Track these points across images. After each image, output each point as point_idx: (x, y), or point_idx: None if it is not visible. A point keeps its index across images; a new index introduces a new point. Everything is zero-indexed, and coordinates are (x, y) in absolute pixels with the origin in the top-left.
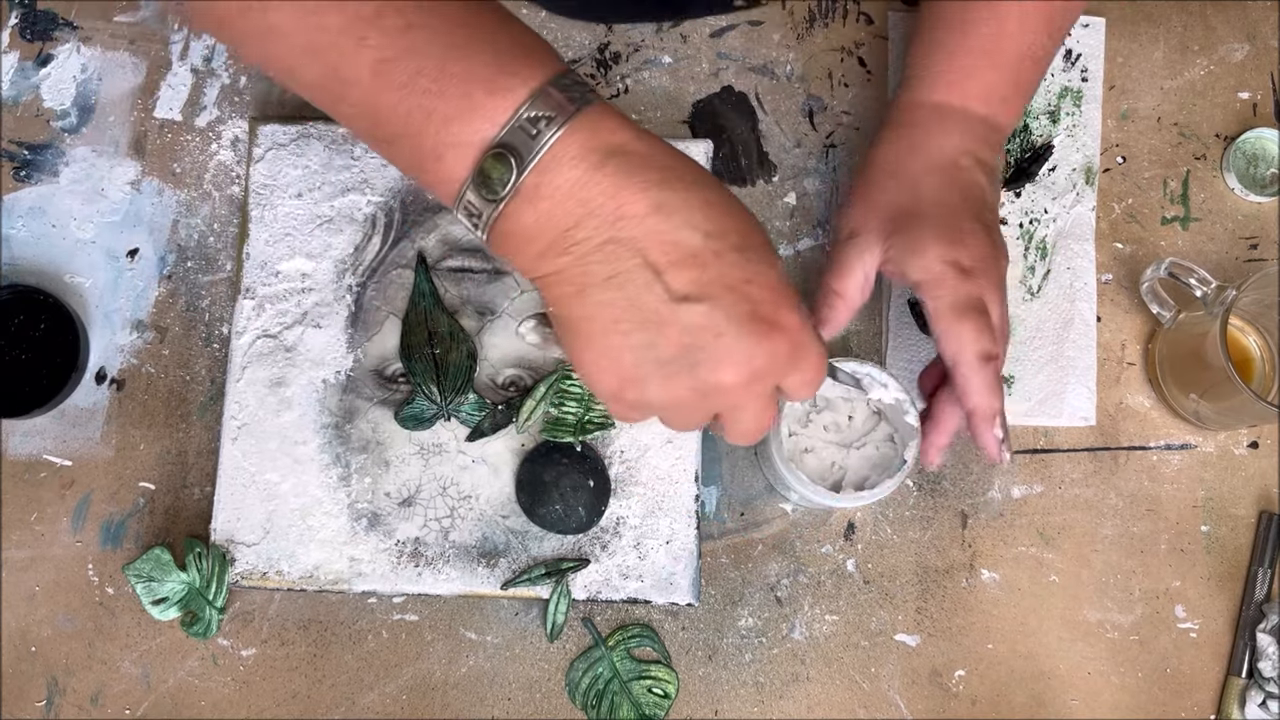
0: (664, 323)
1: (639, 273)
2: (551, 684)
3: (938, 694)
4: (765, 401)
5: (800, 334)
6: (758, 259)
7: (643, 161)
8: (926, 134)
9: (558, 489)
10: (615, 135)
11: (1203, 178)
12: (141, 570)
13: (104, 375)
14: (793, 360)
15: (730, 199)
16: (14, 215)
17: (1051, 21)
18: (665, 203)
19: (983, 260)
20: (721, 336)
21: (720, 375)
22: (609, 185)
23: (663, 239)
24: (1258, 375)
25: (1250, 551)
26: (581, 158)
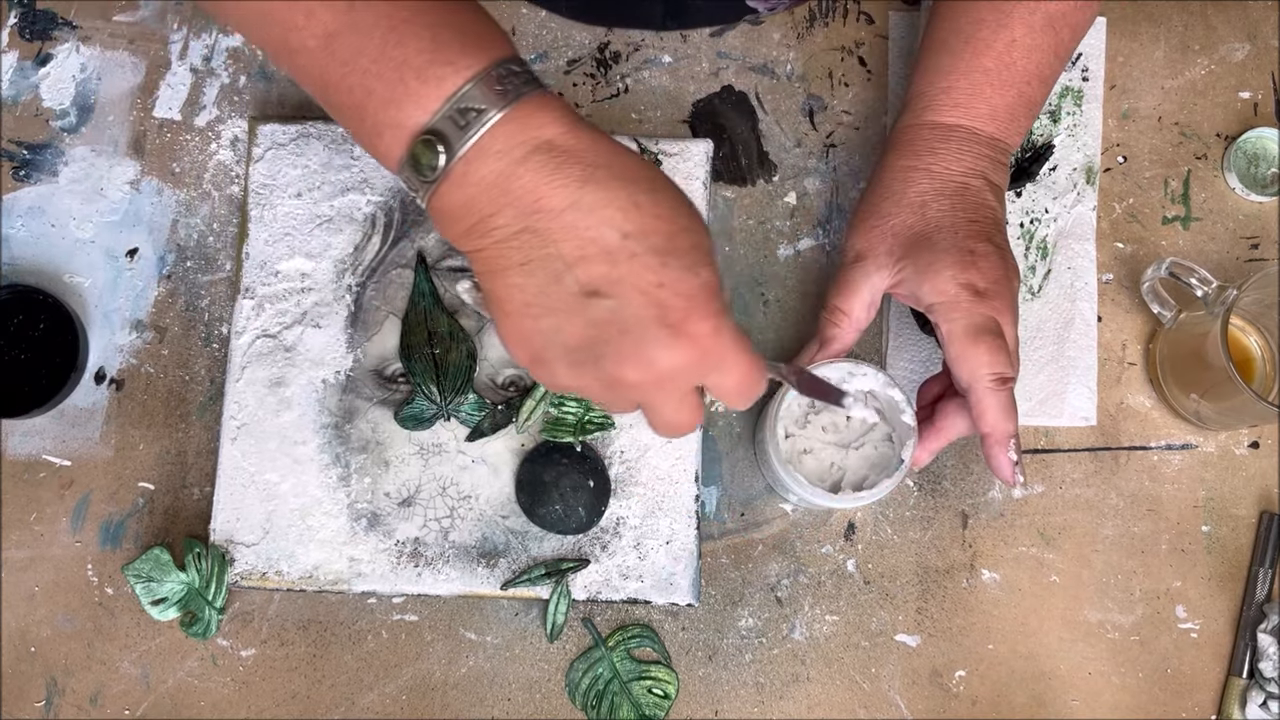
0: (571, 313)
1: (551, 263)
2: (551, 684)
3: (938, 694)
4: (681, 401)
5: (711, 341)
6: (678, 265)
7: (570, 158)
8: (934, 156)
9: (558, 489)
10: (545, 130)
11: (1203, 177)
12: (141, 570)
13: (103, 375)
14: (704, 367)
15: (667, 204)
16: (13, 215)
17: (1059, 43)
18: (584, 200)
19: (996, 282)
20: (626, 335)
21: (623, 372)
22: (530, 179)
23: (578, 234)
24: (1258, 375)
25: (1251, 551)
26: (506, 152)
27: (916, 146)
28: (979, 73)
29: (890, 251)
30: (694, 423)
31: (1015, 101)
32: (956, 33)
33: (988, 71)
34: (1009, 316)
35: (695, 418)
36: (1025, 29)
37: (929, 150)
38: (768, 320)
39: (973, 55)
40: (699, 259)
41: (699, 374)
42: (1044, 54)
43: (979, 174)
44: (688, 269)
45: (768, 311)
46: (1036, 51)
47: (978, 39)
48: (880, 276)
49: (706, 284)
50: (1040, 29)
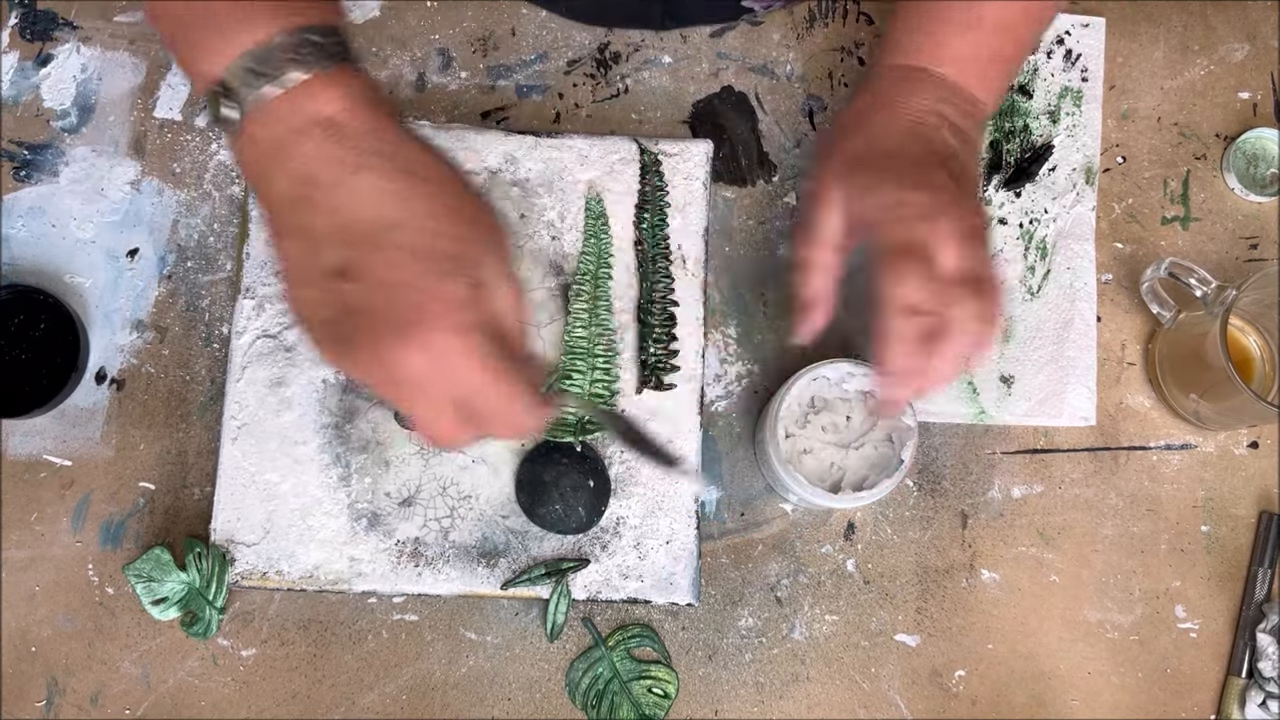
0: (324, 290)
1: (313, 236)
2: (551, 684)
3: (938, 694)
4: (432, 409)
5: (440, 355)
6: (429, 269)
7: (349, 140)
8: (894, 91)
9: (558, 489)
10: (330, 107)
11: (1203, 178)
12: (141, 570)
13: (104, 375)
14: (444, 382)
15: (442, 207)
16: (14, 215)
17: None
18: (353, 182)
19: (945, 206)
20: (367, 326)
21: (358, 359)
22: (305, 152)
23: (342, 214)
24: (1258, 375)
25: (1250, 551)
26: (286, 120)
27: (875, 86)
28: (945, 20)
29: (841, 175)
30: (451, 440)
31: (982, 52)
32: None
33: (954, 20)
34: (953, 246)
35: (452, 434)
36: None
37: (890, 87)
38: (768, 320)
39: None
40: (455, 268)
41: (442, 386)
42: (1013, 10)
43: (938, 114)
44: (438, 275)
45: (768, 312)
46: (1004, 7)
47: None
48: (835, 211)
49: (453, 296)
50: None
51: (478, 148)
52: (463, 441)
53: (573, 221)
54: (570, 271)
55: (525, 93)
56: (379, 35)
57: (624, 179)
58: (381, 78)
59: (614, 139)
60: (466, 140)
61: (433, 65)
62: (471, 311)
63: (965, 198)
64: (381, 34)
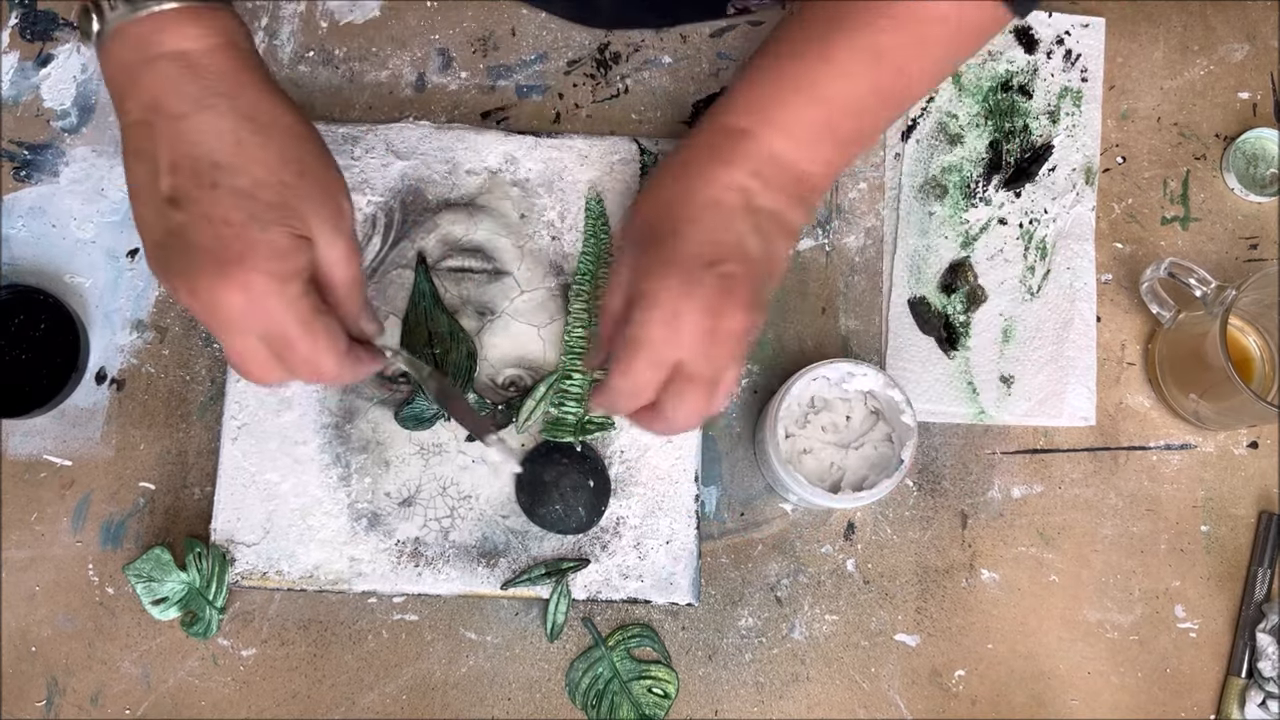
0: (156, 214)
1: (151, 161)
2: (551, 684)
3: (938, 694)
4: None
5: (252, 297)
6: (250, 213)
7: (197, 76)
8: (705, 156)
9: (558, 489)
10: (184, 41)
11: (1203, 178)
12: (141, 570)
13: (104, 375)
14: (253, 320)
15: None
16: (14, 215)
17: (879, 80)
18: (195, 118)
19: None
20: (185, 254)
21: (176, 286)
22: (154, 79)
23: (177, 147)
24: (1258, 375)
25: (1250, 551)
26: (140, 46)
27: (695, 142)
28: (783, 80)
29: (628, 249)
30: (261, 376)
31: (815, 122)
32: (777, 42)
33: (793, 84)
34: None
35: (260, 371)
36: (845, 50)
37: (699, 151)
38: (768, 320)
39: (784, 62)
40: (276, 217)
41: (253, 326)
42: (859, 83)
43: (741, 189)
44: (257, 220)
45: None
46: (850, 79)
47: (795, 49)
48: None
49: (271, 243)
50: (861, 54)
51: (478, 148)
52: (272, 379)
53: (573, 221)
54: (570, 271)
55: (525, 93)
56: (379, 35)
57: (624, 179)
58: (381, 78)
59: (614, 139)
60: (466, 140)
61: (433, 65)
62: (289, 261)
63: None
64: (381, 34)
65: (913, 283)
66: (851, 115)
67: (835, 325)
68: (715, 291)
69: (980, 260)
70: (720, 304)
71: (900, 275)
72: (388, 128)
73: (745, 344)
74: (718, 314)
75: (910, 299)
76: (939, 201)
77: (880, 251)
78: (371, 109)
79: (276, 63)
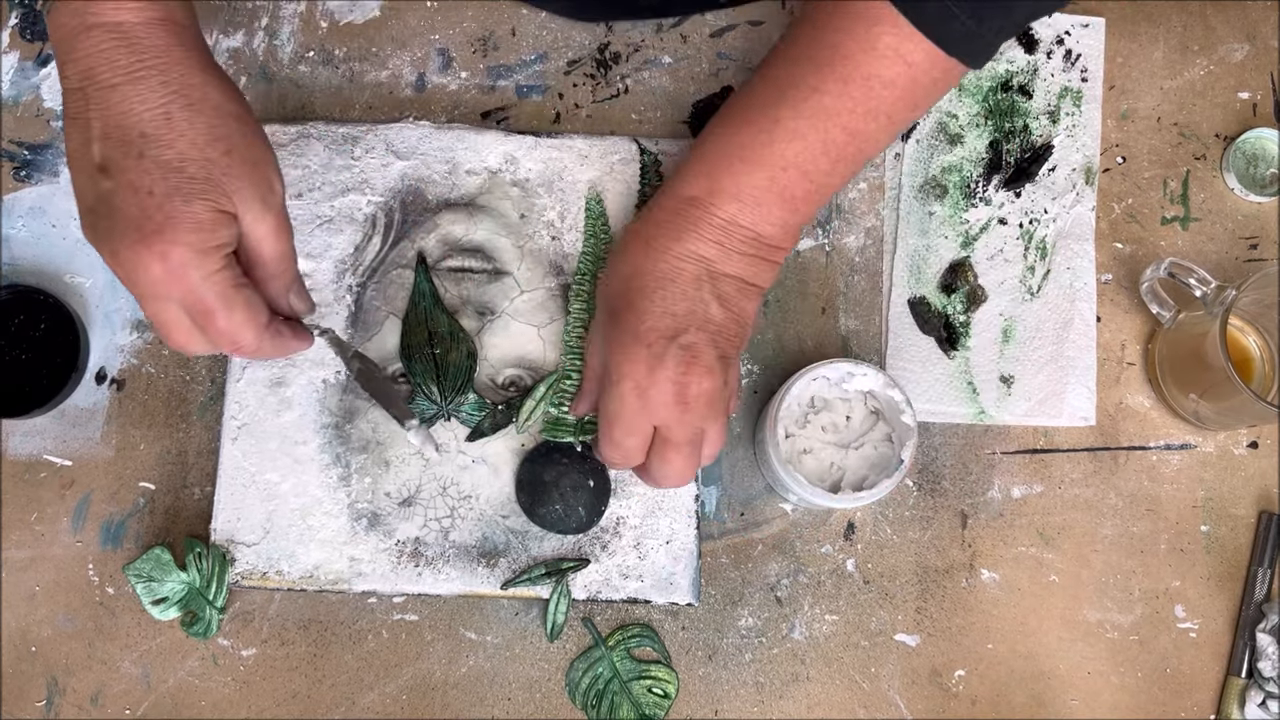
0: (88, 180)
1: (84, 129)
2: (551, 684)
3: (938, 694)
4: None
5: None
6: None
7: (131, 47)
8: (663, 229)
9: (558, 489)
10: (120, 13)
11: (1203, 178)
12: (141, 570)
13: (104, 375)
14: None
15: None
16: (14, 215)
17: (829, 140)
18: (125, 89)
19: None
20: (110, 220)
21: (102, 250)
22: (88, 48)
23: (109, 115)
24: (1258, 375)
25: (1250, 551)
26: (78, 14)
27: (654, 216)
28: (731, 147)
29: (603, 315)
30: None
31: (765, 185)
32: (733, 106)
33: (742, 146)
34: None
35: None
36: (791, 113)
37: (657, 225)
38: (768, 320)
39: (735, 127)
40: (200, 190)
41: (169, 293)
42: (809, 144)
43: (698, 257)
44: (181, 194)
45: (768, 311)
46: (799, 139)
47: (745, 115)
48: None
49: (194, 216)
50: (808, 118)
51: (478, 148)
52: (195, 349)
53: (573, 221)
54: (570, 272)
55: (525, 93)
56: (379, 35)
57: (624, 179)
58: (381, 78)
59: (614, 139)
60: (466, 140)
61: (433, 65)
62: (210, 235)
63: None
64: (381, 34)
65: (913, 283)
66: (802, 177)
67: (835, 325)
68: (679, 362)
69: (980, 260)
70: (685, 374)
71: (900, 275)
72: (388, 128)
73: (720, 401)
74: (684, 383)
75: (910, 299)
76: (939, 201)
77: (880, 251)
78: (371, 109)
79: (276, 63)
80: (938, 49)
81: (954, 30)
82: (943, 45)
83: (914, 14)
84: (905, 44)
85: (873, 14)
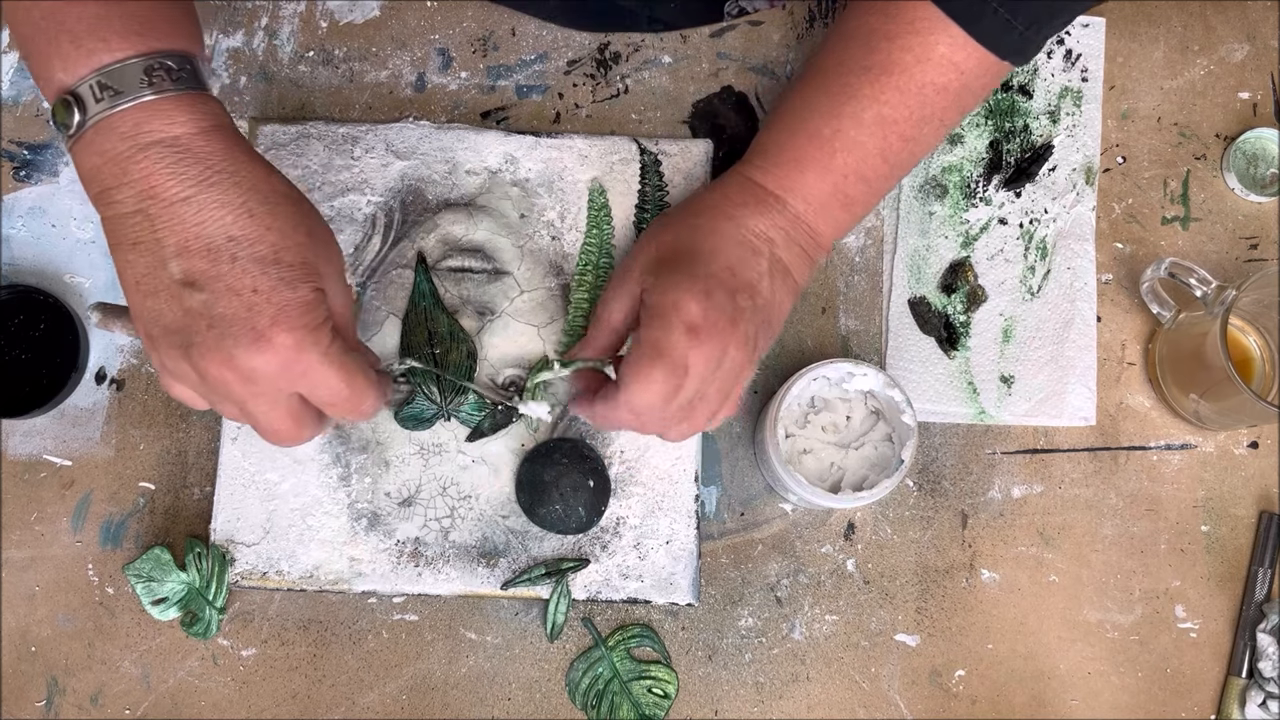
0: (170, 299)
1: (156, 249)
2: (551, 684)
3: (938, 694)
4: (273, 407)
5: (293, 354)
6: (276, 276)
7: (193, 158)
8: (737, 202)
9: (558, 489)
10: (175, 128)
11: (1203, 178)
12: (141, 570)
13: (104, 375)
14: (290, 376)
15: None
16: (14, 215)
17: (887, 147)
18: (198, 197)
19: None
20: (213, 329)
21: (208, 364)
22: (148, 167)
23: (185, 228)
24: (1258, 375)
25: (1250, 551)
26: (131, 135)
27: (728, 189)
28: (802, 155)
29: (644, 266)
30: (294, 434)
31: (830, 192)
32: (794, 110)
33: (809, 156)
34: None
35: (295, 429)
36: (853, 124)
37: (731, 198)
38: None
39: (802, 137)
40: (300, 275)
41: (285, 382)
42: (868, 152)
43: (767, 238)
44: (285, 282)
45: None
46: (859, 148)
47: (809, 123)
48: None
49: (302, 300)
50: (868, 127)
51: (478, 148)
52: (305, 436)
53: (573, 221)
54: (570, 272)
55: (525, 93)
56: (379, 35)
57: (624, 179)
58: (381, 78)
59: (614, 139)
60: (466, 140)
61: (433, 65)
62: (317, 313)
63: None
64: (381, 34)
65: (913, 283)
66: (861, 180)
67: (835, 325)
68: (728, 318)
69: (980, 260)
70: (729, 333)
71: (900, 275)
72: (388, 128)
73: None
74: (725, 343)
75: (910, 299)
76: (939, 201)
77: (880, 251)
78: (371, 109)
79: (276, 63)
80: (990, 54)
81: (1010, 40)
82: (998, 52)
83: (973, 28)
84: (959, 53)
85: (926, 25)
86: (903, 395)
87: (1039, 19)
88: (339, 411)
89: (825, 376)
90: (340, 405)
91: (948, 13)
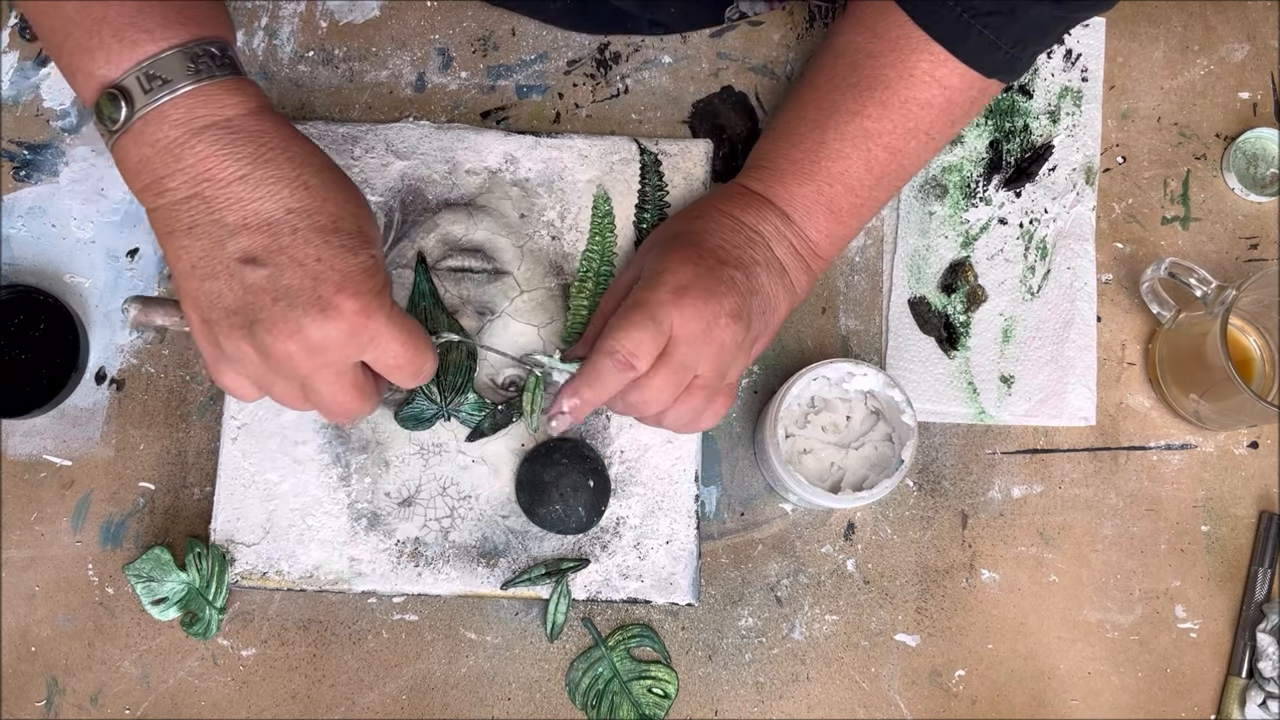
0: (231, 278)
1: (214, 229)
2: (551, 684)
3: (938, 694)
4: (338, 379)
5: (360, 318)
6: (338, 244)
7: (246, 137)
8: (739, 205)
9: (558, 489)
10: (226, 110)
11: (1203, 178)
12: (141, 570)
13: (104, 375)
14: (357, 343)
15: (336, 189)
16: (14, 215)
17: (871, 158)
18: (254, 174)
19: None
20: (278, 302)
21: (275, 339)
22: (202, 150)
23: (243, 205)
24: (1258, 375)
25: (1250, 551)
26: (184, 122)
27: (724, 194)
28: (789, 164)
29: (650, 246)
30: (358, 405)
31: (814, 197)
32: (785, 123)
33: (796, 164)
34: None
35: (359, 399)
36: (836, 135)
37: (732, 202)
38: None
39: (788, 146)
40: (360, 243)
41: (353, 349)
42: (852, 163)
43: (762, 234)
44: (347, 249)
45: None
46: (842, 159)
47: (796, 134)
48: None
49: (363, 265)
50: (851, 139)
51: (478, 148)
52: (368, 407)
53: (573, 221)
54: (570, 272)
55: (525, 93)
56: (379, 35)
57: (624, 179)
58: (381, 78)
59: (614, 139)
60: (466, 140)
61: (433, 65)
62: (380, 277)
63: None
64: (381, 34)
65: (913, 283)
66: (847, 190)
67: (835, 325)
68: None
69: (980, 260)
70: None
71: (900, 275)
72: (388, 127)
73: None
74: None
75: (910, 299)
76: (939, 201)
77: (880, 251)
78: (371, 109)
79: (276, 63)
80: (974, 72)
81: (996, 59)
82: (984, 71)
83: (956, 48)
84: (940, 69)
85: (908, 44)
86: (903, 395)
87: (1026, 38)
88: (402, 375)
89: (825, 376)
90: (404, 368)
91: (931, 34)
